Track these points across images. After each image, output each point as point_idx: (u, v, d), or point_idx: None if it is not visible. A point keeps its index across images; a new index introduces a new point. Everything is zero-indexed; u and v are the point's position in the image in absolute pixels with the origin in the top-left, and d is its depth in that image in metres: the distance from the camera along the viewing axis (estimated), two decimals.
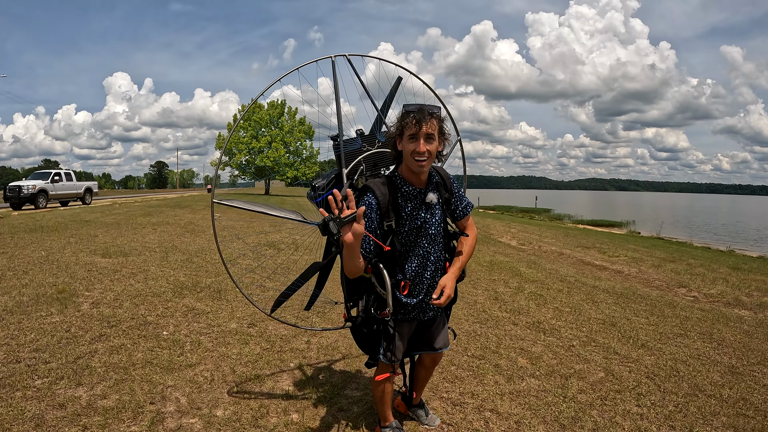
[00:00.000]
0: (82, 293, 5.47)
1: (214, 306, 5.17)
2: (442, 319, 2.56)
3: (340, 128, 2.79)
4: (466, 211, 2.40)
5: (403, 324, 2.37)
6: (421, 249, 2.26)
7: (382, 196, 2.16)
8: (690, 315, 6.01)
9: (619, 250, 12.73)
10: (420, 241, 2.25)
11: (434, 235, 2.27)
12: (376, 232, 2.15)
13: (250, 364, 3.70)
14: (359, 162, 2.71)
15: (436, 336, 2.53)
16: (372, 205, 2.15)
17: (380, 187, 2.19)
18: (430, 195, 2.23)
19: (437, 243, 2.30)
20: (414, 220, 2.21)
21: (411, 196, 2.22)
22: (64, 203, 23.42)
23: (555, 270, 9.05)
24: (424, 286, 2.31)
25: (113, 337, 4.13)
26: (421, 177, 2.21)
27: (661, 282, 8.74)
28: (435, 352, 2.56)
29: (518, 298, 6.34)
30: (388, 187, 2.20)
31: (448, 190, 2.34)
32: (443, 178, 2.35)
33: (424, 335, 2.52)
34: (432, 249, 2.28)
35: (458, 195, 2.39)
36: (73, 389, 3.18)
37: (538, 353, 4.24)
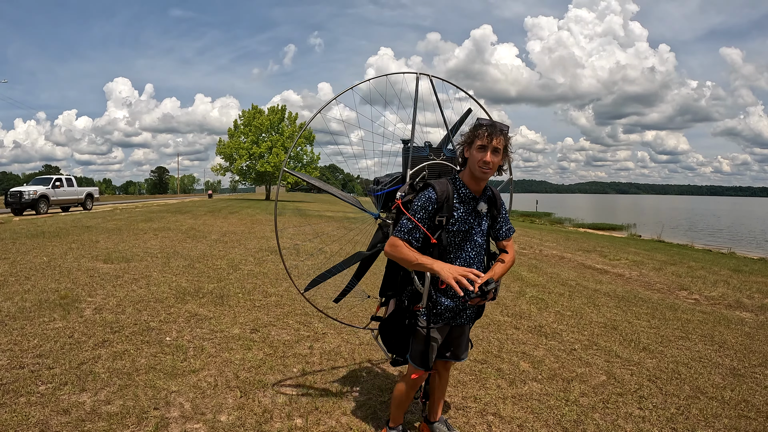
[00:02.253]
0: (84, 299, 5.49)
1: (217, 312, 5.19)
2: (468, 329, 2.63)
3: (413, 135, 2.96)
4: (509, 234, 2.51)
5: (436, 329, 2.43)
6: (464, 253, 2.36)
7: (441, 192, 2.29)
8: (691, 318, 6.02)
9: (620, 254, 12.75)
10: (464, 246, 2.35)
11: (479, 244, 2.38)
12: (427, 223, 2.28)
13: (253, 370, 3.71)
14: (423, 168, 2.85)
15: (461, 343, 2.61)
16: (431, 199, 2.28)
17: (441, 184, 2.33)
18: (482, 204, 2.35)
19: (481, 254, 2.41)
20: (463, 222, 2.32)
21: (466, 200, 2.33)
22: (65, 209, 23.42)
23: (556, 274, 9.06)
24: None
25: (116, 343, 4.15)
26: (480, 185, 2.34)
27: (662, 285, 8.75)
28: (457, 360, 2.64)
29: (520, 302, 6.35)
30: (448, 186, 2.33)
31: (497, 208, 2.45)
32: (495, 196, 2.47)
33: (451, 341, 2.57)
34: (475, 257, 2.38)
35: (505, 216, 2.50)
36: (77, 395, 3.19)
37: (540, 357, 4.25)
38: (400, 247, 2.26)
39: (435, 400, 2.82)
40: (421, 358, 2.44)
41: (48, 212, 21.09)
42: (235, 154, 50.55)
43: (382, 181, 2.96)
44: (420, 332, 2.42)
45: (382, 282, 2.75)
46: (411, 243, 2.27)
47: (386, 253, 2.34)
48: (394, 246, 2.29)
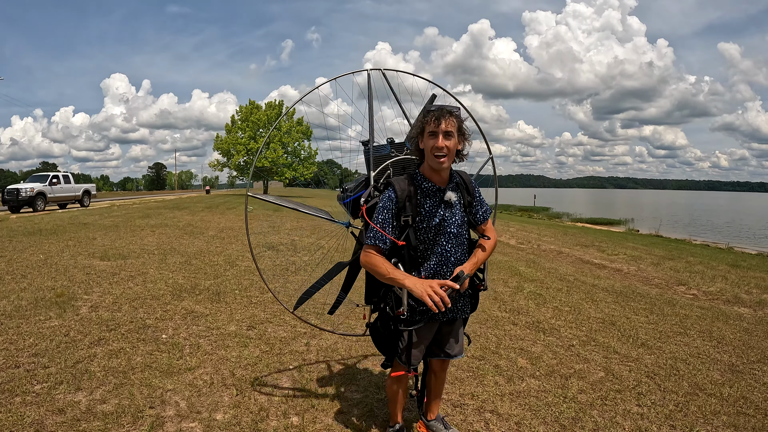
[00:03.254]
0: (80, 297, 5.46)
1: (213, 308, 5.16)
2: (461, 324, 2.55)
3: (371, 134, 2.89)
4: (486, 216, 2.44)
5: (422, 327, 2.34)
6: (439, 247, 2.26)
7: (401, 191, 2.21)
8: (689, 313, 6.01)
9: (618, 249, 12.75)
10: (439, 240, 2.26)
11: (455, 235, 2.29)
12: (391, 225, 2.20)
13: (249, 367, 3.69)
14: (387, 166, 2.79)
15: (453, 341, 2.52)
16: (391, 198, 2.21)
17: (400, 182, 2.25)
18: (450, 193, 2.26)
19: (459, 244, 2.31)
20: (432, 217, 2.23)
21: (430, 193, 2.25)
22: (62, 206, 23.34)
23: (554, 269, 9.05)
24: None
25: (112, 341, 4.12)
26: (442, 174, 2.25)
27: (660, 280, 8.75)
28: (450, 358, 2.56)
29: (517, 297, 6.34)
30: (409, 183, 2.25)
31: (470, 193, 2.38)
32: (465, 181, 2.39)
33: (441, 339, 2.50)
34: (453, 249, 2.29)
35: (479, 199, 2.43)
36: (72, 394, 3.17)
37: (538, 353, 4.24)
38: (372, 258, 2.19)
39: (431, 398, 2.77)
40: (403, 357, 2.37)
41: (45, 209, 21.02)
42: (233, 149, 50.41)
43: (349, 188, 2.87)
44: (404, 334, 2.34)
45: (365, 290, 2.65)
46: (379, 247, 2.20)
47: (362, 264, 2.27)
48: (366, 257, 2.22)
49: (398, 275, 2.12)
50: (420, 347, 2.40)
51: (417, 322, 2.30)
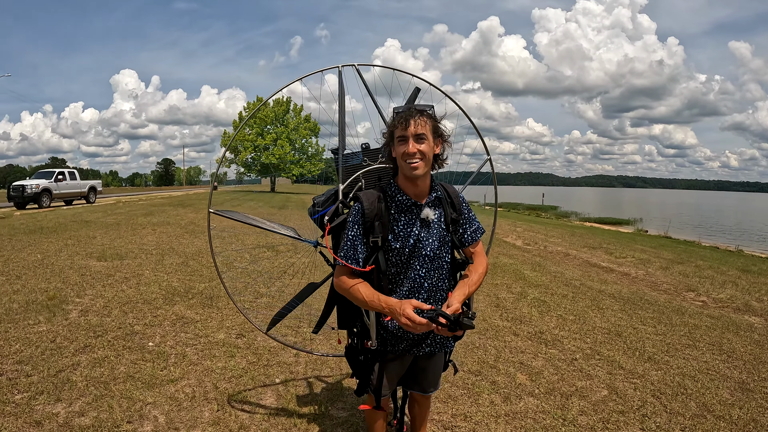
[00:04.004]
0: (72, 300, 5.35)
1: (204, 314, 5.02)
2: (440, 357, 2.24)
3: (342, 141, 2.62)
4: (475, 237, 2.10)
5: (393, 360, 2.09)
6: (412, 272, 1.97)
7: (369, 207, 1.92)
8: (699, 323, 5.80)
9: (626, 251, 12.50)
10: (412, 263, 1.96)
11: (430, 258, 1.97)
12: (362, 243, 1.94)
13: (234, 380, 3.55)
14: (357, 178, 2.49)
15: (428, 375, 2.22)
16: (360, 213, 1.93)
17: (369, 197, 1.95)
18: (427, 210, 1.95)
19: (435, 268, 2.00)
20: (407, 237, 1.93)
21: (405, 208, 1.95)
22: (68, 202, 23.41)
23: (560, 273, 8.84)
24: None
25: (98, 349, 4.00)
26: (419, 185, 1.94)
27: (669, 285, 8.52)
28: (422, 393, 2.27)
29: (521, 304, 6.14)
30: (380, 197, 1.95)
31: (456, 209, 2.05)
32: (450, 195, 2.06)
33: (416, 372, 2.21)
34: (427, 274, 1.98)
35: (468, 217, 2.10)
36: (51, 405, 3.08)
37: (539, 368, 4.05)
38: (344, 283, 1.94)
39: (417, 427, 2.54)
40: (372, 390, 2.12)
41: (51, 206, 21.05)
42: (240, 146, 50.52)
43: (318, 202, 2.53)
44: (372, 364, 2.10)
45: (337, 314, 2.39)
46: (352, 269, 1.94)
47: (337, 289, 2.00)
48: (339, 282, 1.96)
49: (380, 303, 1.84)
50: (392, 381, 2.16)
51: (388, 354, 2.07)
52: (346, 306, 2.27)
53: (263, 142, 49.69)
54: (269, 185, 58.10)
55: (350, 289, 1.91)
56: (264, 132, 50.87)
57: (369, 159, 2.53)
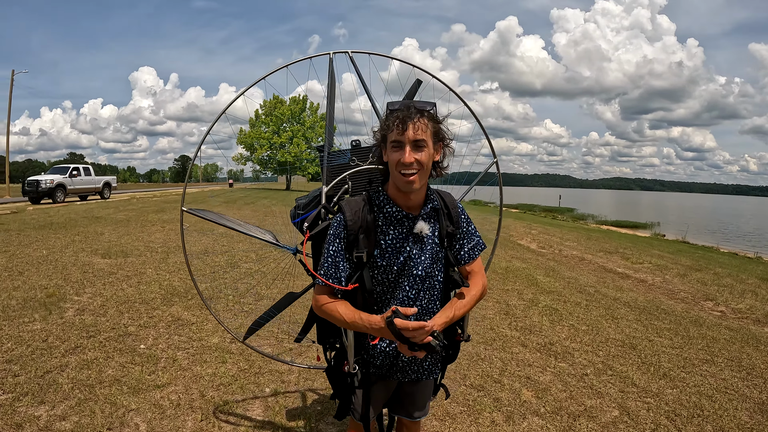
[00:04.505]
0: (70, 297, 5.27)
1: (201, 316, 4.88)
2: (429, 383, 1.97)
3: (329, 137, 2.39)
4: (473, 254, 1.82)
5: (376, 385, 1.85)
6: (401, 292, 1.72)
7: (352, 218, 1.66)
8: (717, 336, 5.51)
9: (643, 256, 12.15)
10: (401, 283, 1.71)
11: (422, 278, 1.72)
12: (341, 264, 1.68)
13: (222, 388, 3.39)
14: (344, 180, 2.24)
15: (416, 401, 1.95)
16: (341, 225, 1.69)
17: (353, 206, 1.70)
18: (421, 224, 1.68)
19: (425, 289, 1.74)
20: (396, 253, 1.68)
21: (395, 221, 1.69)
22: (82, 197, 23.64)
23: (574, 279, 8.56)
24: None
25: (88, 350, 3.90)
26: (411, 197, 1.68)
27: (687, 294, 8.20)
28: (409, 419, 1.99)
29: (531, 312, 5.90)
30: (366, 207, 1.70)
31: (453, 222, 1.78)
32: (447, 205, 1.79)
33: (402, 397, 1.95)
34: (417, 295, 1.73)
35: (467, 231, 1.82)
36: (34, 407, 3.01)
37: (546, 384, 3.81)
38: (324, 304, 1.68)
39: None
40: (356, 415, 1.88)
41: (65, 201, 21.25)
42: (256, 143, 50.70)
43: (299, 204, 2.26)
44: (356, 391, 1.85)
45: (317, 329, 2.16)
46: (333, 288, 1.68)
47: (316, 310, 1.74)
48: (317, 303, 1.70)
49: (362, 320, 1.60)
50: (378, 405, 1.92)
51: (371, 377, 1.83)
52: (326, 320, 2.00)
53: (279, 140, 49.78)
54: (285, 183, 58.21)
55: (329, 310, 1.67)
56: (280, 130, 50.98)
57: (358, 159, 2.29)
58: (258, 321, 2.70)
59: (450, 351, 1.94)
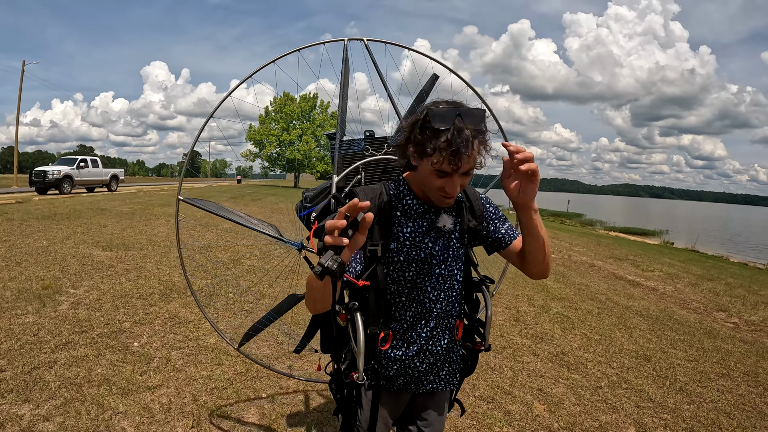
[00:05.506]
0: (66, 290, 5.12)
1: (199, 314, 4.70)
2: (444, 396, 1.75)
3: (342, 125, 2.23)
4: (512, 233, 1.60)
5: (388, 396, 1.66)
6: (421, 293, 1.54)
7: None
8: (732, 349, 5.31)
9: (653, 264, 11.92)
10: (420, 282, 1.53)
11: (442, 277, 1.55)
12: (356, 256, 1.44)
13: (216, 392, 3.21)
14: (357, 169, 2.09)
15: (430, 418, 1.73)
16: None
17: (368, 193, 1.51)
18: (445, 217, 1.51)
19: (447, 289, 1.57)
20: (415, 248, 1.50)
21: (415, 214, 1.51)
22: (90, 189, 23.60)
23: (585, 285, 8.34)
24: (418, 344, 1.58)
25: (79, 346, 3.74)
26: None
27: (699, 304, 7.98)
28: None
29: (542, 320, 5.68)
30: (383, 196, 1.51)
31: (476, 215, 1.60)
32: (470, 198, 1.61)
33: (415, 413, 1.74)
34: (438, 296, 1.55)
35: (494, 217, 1.62)
36: (18, 406, 2.86)
37: (559, 396, 3.61)
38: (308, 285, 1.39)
39: None
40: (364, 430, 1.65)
41: (72, 192, 21.21)
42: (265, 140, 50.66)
43: (307, 196, 2.09)
44: (363, 404, 1.63)
45: (321, 336, 1.98)
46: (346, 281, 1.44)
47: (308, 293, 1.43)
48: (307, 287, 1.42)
49: None
50: (387, 422, 1.70)
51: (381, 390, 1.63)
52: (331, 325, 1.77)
53: (288, 138, 49.71)
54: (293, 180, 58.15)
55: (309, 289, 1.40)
56: (290, 127, 50.90)
57: (372, 148, 2.12)
58: (255, 326, 2.53)
59: (468, 362, 1.75)
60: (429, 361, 1.59)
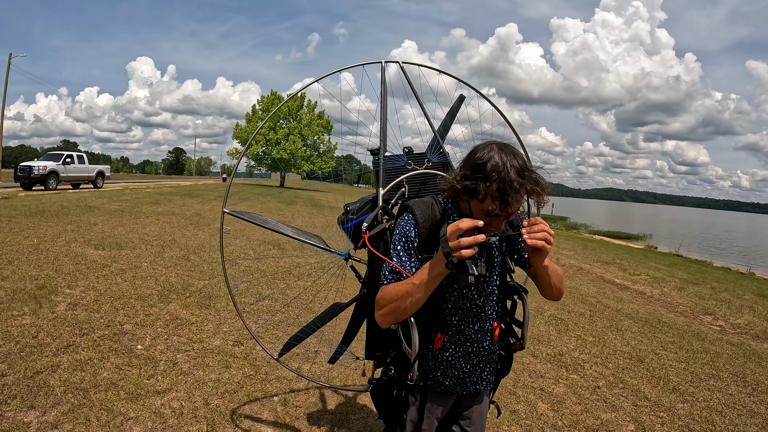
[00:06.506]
0: (62, 291, 5.06)
1: (201, 315, 4.70)
2: (486, 396, 1.87)
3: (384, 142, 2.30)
4: None
5: (434, 398, 1.75)
6: (466, 300, 1.67)
7: (423, 218, 1.59)
8: (720, 351, 5.50)
9: (640, 268, 12.17)
10: (468, 292, 1.66)
11: (486, 284, 1.68)
12: (415, 257, 1.59)
13: (227, 395, 3.22)
14: (401, 183, 2.17)
15: (473, 417, 1.84)
16: (411, 224, 1.60)
17: (422, 207, 1.63)
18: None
19: (487, 294, 1.70)
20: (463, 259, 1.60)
21: None
22: (75, 185, 23.23)
23: (575, 288, 8.49)
24: (464, 347, 1.70)
25: (81, 349, 3.70)
26: None
27: (686, 307, 8.20)
28: None
29: (538, 322, 5.79)
30: (435, 209, 1.63)
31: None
32: None
33: (459, 413, 1.84)
34: (481, 302, 1.69)
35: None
36: (24, 412, 2.79)
37: (561, 396, 3.71)
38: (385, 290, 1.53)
39: None
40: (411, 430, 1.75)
41: (57, 188, 20.87)
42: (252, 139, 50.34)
43: (351, 209, 2.20)
44: (411, 405, 1.74)
45: (366, 341, 2.09)
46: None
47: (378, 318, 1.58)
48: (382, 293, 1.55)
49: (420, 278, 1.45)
50: (432, 425, 1.78)
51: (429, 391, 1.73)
52: (379, 330, 1.89)
53: (275, 137, 49.42)
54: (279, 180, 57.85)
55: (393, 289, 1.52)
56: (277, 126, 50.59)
57: (413, 163, 2.23)
58: (297, 335, 2.54)
59: (505, 363, 1.87)
60: (473, 362, 1.71)
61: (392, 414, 1.81)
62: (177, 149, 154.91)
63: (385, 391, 1.82)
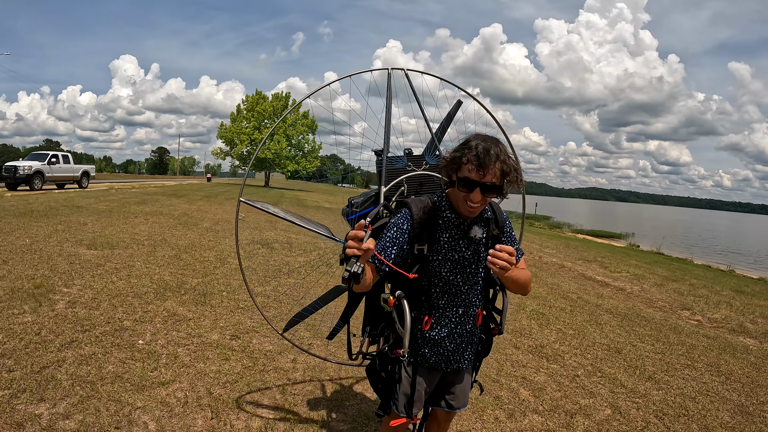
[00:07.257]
0: (59, 289, 5.17)
1: (197, 312, 4.86)
2: (468, 373, 2.16)
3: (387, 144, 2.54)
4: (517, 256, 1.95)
5: (423, 372, 2.01)
6: (452, 286, 1.92)
7: (418, 214, 1.85)
8: (696, 343, 5.78)
9: (621, 266, 12.51)
10: (454, 279, 1.91)
11: (470, 274, 1.94)
12: (399, 248, 1.85)
13: (228, 385, 3.40)
14: (401, 182, 2.44)
15: (456, 392, 2.13)
16: (406, 218, 1.87)
17: (418, 202, 1.89)
18: (476, 228, 1.88)
19: (472, 284, 1.95)
20: (450, 251, 1.89)
21: (451, 225, 1.89)
22: (60, 185, 23.01)
23: (557, 285, 8.78)
24: (449, 327, 1.96)
25: (85, 345, 3.83)
26: None
27: (664, 303, 8.50)
28: (451, 411, 2.16)
29: (520, 316, 6.05)
30: (429, 206, 1.89)
31: (499, 226, 1.98)
32: (495, 211, 2.00)
33: (444, 388, 2.13)
34: (466, 289, 1.94)
35: (510, 235, 2.03)
36: (34, 405, 2.91)
37: (541, 384, 3.95)
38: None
39: None
40: (403, 404, 2.00)
41: (42, 188, 20.69)
42: (237, 138, 50.13)
43: (356, 203, 2.48)
44: (404, 378, 2.00)
45: (363, 319, 2.34)
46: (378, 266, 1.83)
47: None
48: None
49: None
50: (421, 396, 2.04)
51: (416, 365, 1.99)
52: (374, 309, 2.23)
53: (260, 136, 49.31)
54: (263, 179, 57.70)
55: None
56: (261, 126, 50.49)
57: (413, 165, 2.49)
58: (301, 313, 2.79)
59: (485, 345, 2.16)
60: (456, 342, 1.98)
61: (385, 387, 2.07)
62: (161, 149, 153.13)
63: (379, 369, 2.07)
